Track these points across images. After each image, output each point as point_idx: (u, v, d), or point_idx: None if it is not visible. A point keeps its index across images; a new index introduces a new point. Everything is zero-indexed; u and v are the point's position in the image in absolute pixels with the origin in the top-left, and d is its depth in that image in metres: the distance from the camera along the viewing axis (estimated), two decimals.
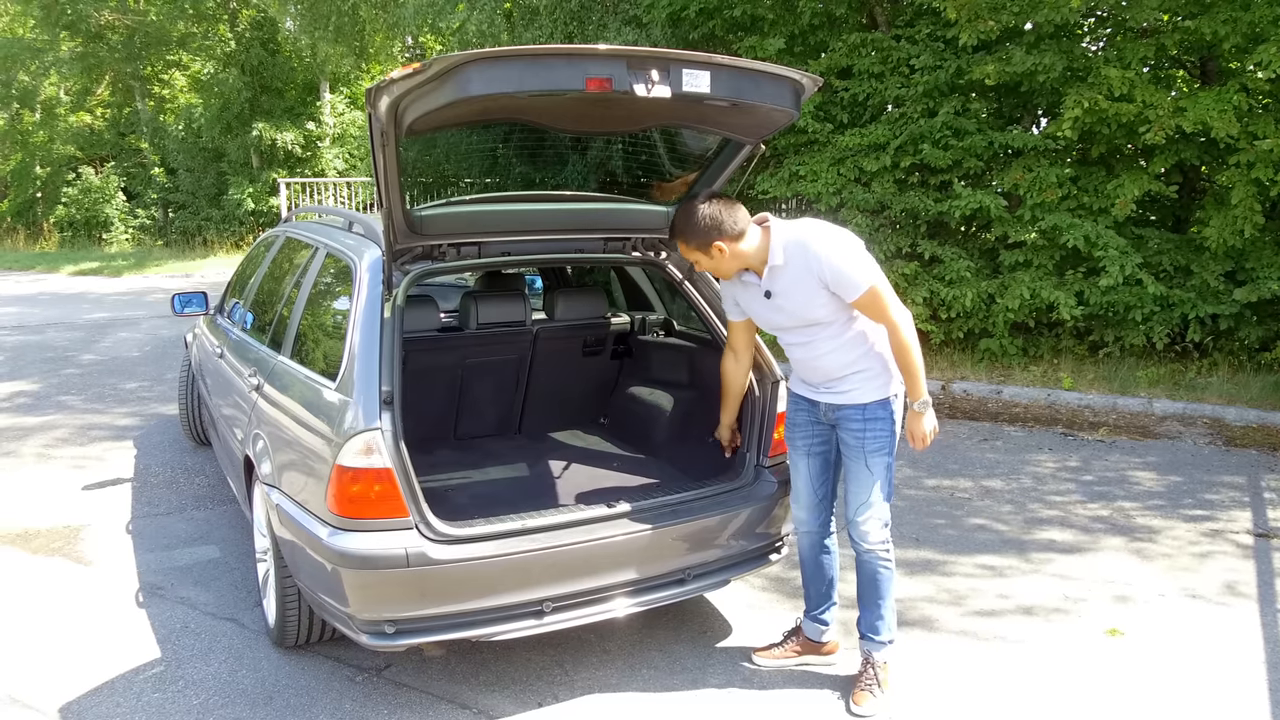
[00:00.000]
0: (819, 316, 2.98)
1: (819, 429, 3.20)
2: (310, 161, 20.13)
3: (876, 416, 3.05)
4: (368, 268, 3.27)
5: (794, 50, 8.96)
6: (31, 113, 23.90)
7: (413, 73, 2.42)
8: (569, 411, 4.60)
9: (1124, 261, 7.29)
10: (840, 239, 2.93)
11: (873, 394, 3.05)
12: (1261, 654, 3.50)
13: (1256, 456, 5.99)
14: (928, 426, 3.07)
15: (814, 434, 3.21)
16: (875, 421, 3.05)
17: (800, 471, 3.26)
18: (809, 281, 2.92)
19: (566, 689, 3.24)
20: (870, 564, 3.14)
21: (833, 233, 2.95)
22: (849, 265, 2.88)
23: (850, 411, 3.08)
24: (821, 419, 3.18)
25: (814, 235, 2.93)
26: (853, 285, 2.88)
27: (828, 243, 2.91)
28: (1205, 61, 8.14)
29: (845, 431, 3.11)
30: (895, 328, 2.92)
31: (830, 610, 3.40)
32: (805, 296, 2.96)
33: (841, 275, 2.88)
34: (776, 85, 2.76)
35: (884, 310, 2.91)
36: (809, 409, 3.20)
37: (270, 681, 3.29)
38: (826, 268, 2.87)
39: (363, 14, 16.56)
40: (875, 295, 2.89)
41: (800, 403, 3.23)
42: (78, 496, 5.19)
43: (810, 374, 3.15)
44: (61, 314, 12.29)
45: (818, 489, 3.25)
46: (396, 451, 2.87)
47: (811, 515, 3.28)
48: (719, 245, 2.96)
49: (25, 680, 3.30)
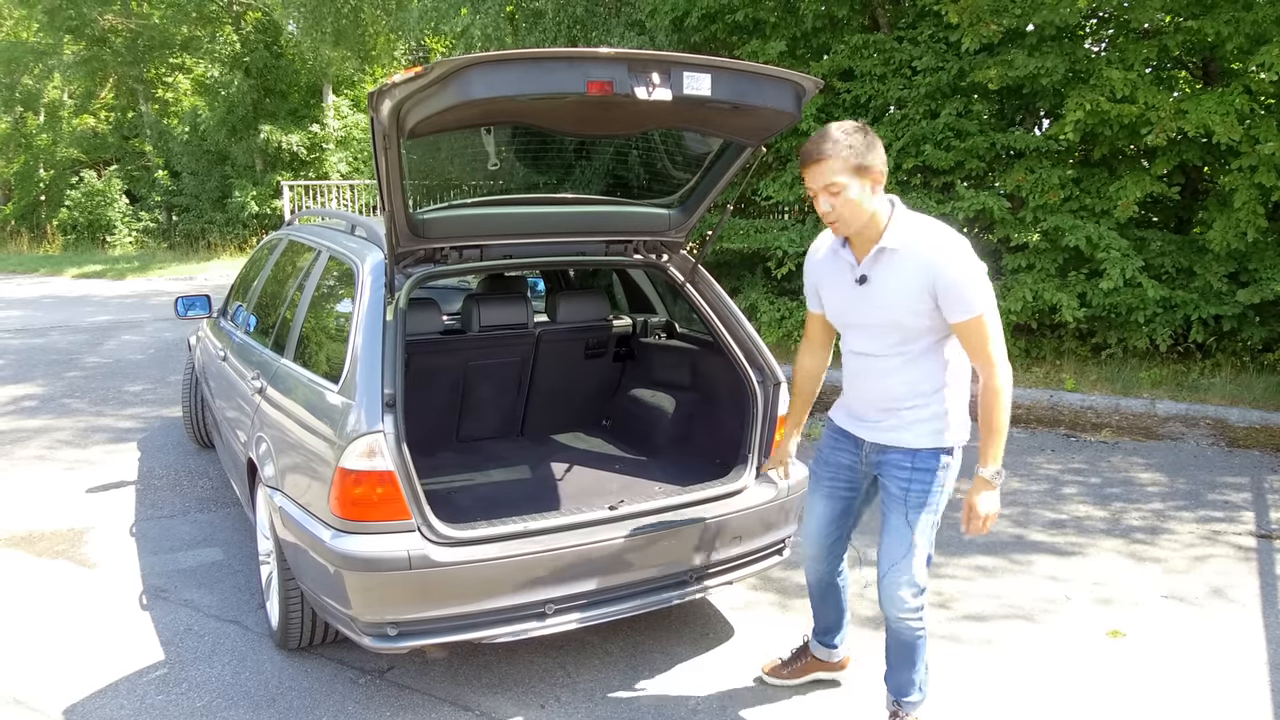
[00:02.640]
0: (908, 323, 2.60)
1: (851, 475, 2.88)
2: (314, 164, 20.17)
3: (927, 467, 2.68)
4: (370, 271, 3.28)
5: (796, 53, 8.97)
6: (35, 116, 23.98)
7: (414, 76, 2.43)
8: (571, 413, 4.61)
9: (1126, 263, 7.29)
10: (969, 252, 2.57)
11: (927, 439, 2.68)
12: (1264, 655, 3.50)
13: (1259, 457, 5.99)
14: (996, 504, 2.64)
15: (844, 478, 2.90)
16: (924, 472, 2.68)
17: (815, 513, 2.98)
18: (916, 281, 2.55)
19: (569, 691, 3.25)
20: (900, 632, 2.81)
21: (962, 242, 2.58)
22: (972, 280, 2.53)
23: (897, 456, 2.72)
24: (862, 463, 2.83)
25: (942, 235, 2.58)
26: (966, 304, 2.52)
27: (956, 249, 2.55)
28: (1207, 62, 8.14)
29: (888, 479, 2.75)
30: (993, 369, 2.54)
31: (842, 633, 3.20)
32: (904, 295, 2.58)
33: (959, 288, 2.52)
34: (777, 87, 2.77)
35: (986, 343, 2.53)
36: (851, 450, 2.86)
37: (273, 684, 3.30)
38: (946, 273, 2.51)
39: (364, 16, 16.58)
40: (984, 325, 2.53)
41: (840, 440, 2.89)
42: (82, 499, 5.21)
43: (861, 399, 2.80)
44: (65, 317, 12.32)
45: (829, 533, 2.97)
46: (399, 454, 2.88)
47: (819, 557, 3.02)
48: (880, 172, 2.56)
49: (29, 682, 3.31)
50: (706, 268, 3.81)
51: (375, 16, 16.75)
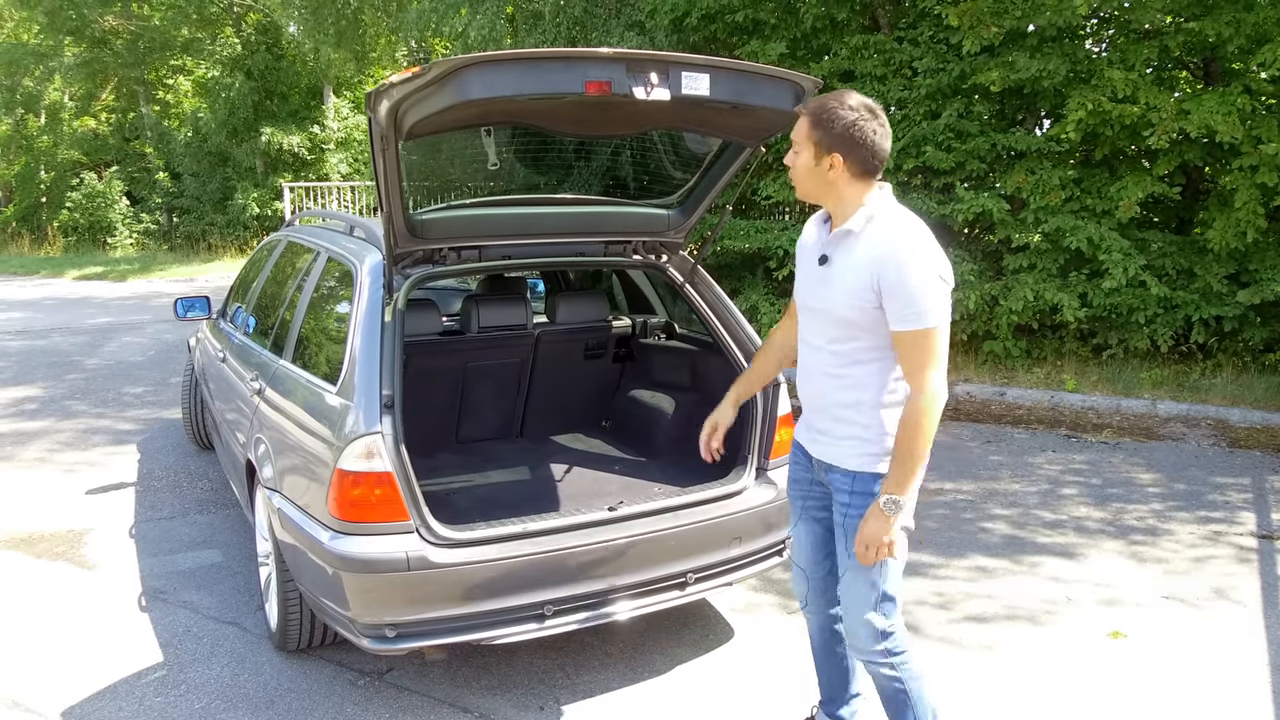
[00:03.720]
0: (848, 316, 2.33)
1: (817, 489, 2.58)
2: (315, 165, 20.18)
3: (867, 491, 2.37)
4: (368, 272, 3.28)
5: (796, 54, 8.97)
6: (36, 118, 23.98)
7: (412, 76, 2.43)
8: (570, 415, 4.60)
9: (1127, 264, 7.28)
10: (932, 256, 2.26)
11: (862, 460, 2.38)
12: (1265, 656, 3.49)
13: (1261, 458, 5.98)
14: (882, 534, 2.28)
15: (812, 494, 2.60)
16: (864, 497, 2.37)
17: (799, 541, 2.68)
18: (865, 271, 2.27)
19: (568, 692, 3.24)
20: (875, 675, 2.51)
21: (926, 244, 2.28)
22: (922, 285, 2.22)
23: (838, 478, 2.44)
24: (817, 476, 2.56)
25: (906, 231, 2.29)
26: (911, 312, 2.22)
27: (916, 248, 2.25)
28: (1208, 63, 8.13)
29: (834, 503, 2.48)
30: (920, 391, 2.23)
31: (852, 705, 2.81)
32: (849, 284, 2.31)
33: (904, 289, 2.22)
34: (776, 87, 2.76)
35: (924, 363, 2.23)
36: (805, 463, 2.60)
37: (272, 685, 3.29)
38: (894, 271, 2.22)
39: (365, 18, 16.59)
40: (926, 340, 2.22)
41: (798, 453, 2.64)
42: (81, 501, 5.21)
43: (804, 398, 2.56)
44: (66, 319, 12.32)
45: (820, 563, 2.64)
46: (397, 455, 2.87)
47: (814, 593, 2.68)
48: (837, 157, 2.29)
49: (28, 684, 3.31)
50: (707, 269, 3.81)
51: (376, 18, 16.76)
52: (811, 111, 2.31)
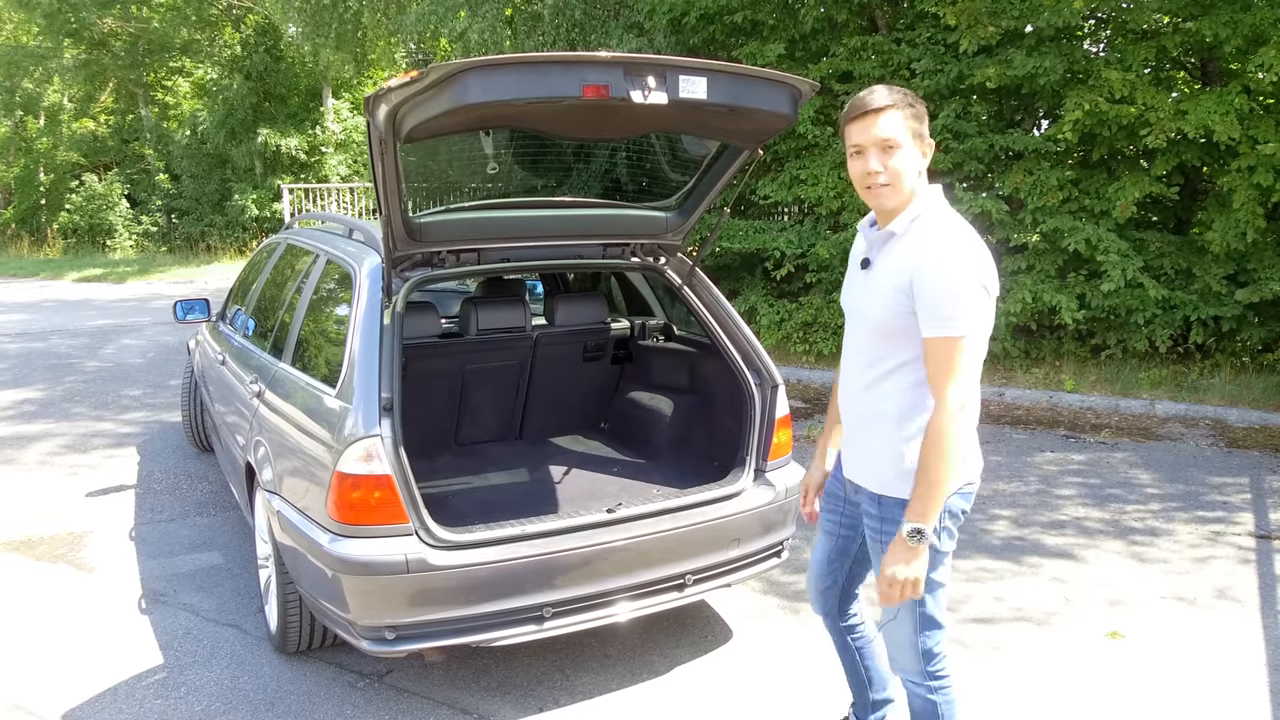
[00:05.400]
0: (887, 322, 2.21)
1: (847, 507, 2.52)
2: (314, 167, 20.19)
3: (894, 518, 2.23)
4: (367, 275, 3.28)
5: (795, 55, 8.98)
6: (35, 120, 23.99)
7: (411, 80, 2.43)
8: (569, 417, 4.61)
9: (1125, 264, 7.29)
10: (974, 262, 2.13)
11: (891, 484, 2.27)
12: (1263, 656, 3.50)
13: (1259, 458, 5.98)
14: (904, 571, 2.13)
15: (842, 512, 2.55)
16: (894, 524, 2.22)
17: (818, 547, 2.65)
18: (901, 273, 2.17)
19: (567, 694, 3.24)
20: (911, 693, 2.44)
21: (974, 251, 2.15)
22: (956, 289, 2.08)
23: (866, 500, 2.36)
24: (849, 495, 2.49)
25: (950, 233, 2.17)
26: (938, 313, 2.09)
27: (956, 250, 2.13)
28: (1206, 63, 8.14)
29: (864, 522, 2.40)
30: (940, 406, 2.10)
31: (885, 710, 2.78)
32: (888, 286, 2.20)
33: (936, 291, 2.10)
34: (773, 90, 2.76)
35: (947, 375, 2.09)
36: (839, 478, 2.54)
37: (272, 687, 3.30)
38: (929, 271, 2.11)
39: (364, 20, 16.58)
40: (951, 349, 2.08)
41: (836, 469, 2.58)
42: (81, 503, 5.21)
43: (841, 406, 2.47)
44: (65, 321, 12.33)
45: (824, 575, 2.64)
46: (396, 458, 2.88)
47: (819, 598, 2.69)
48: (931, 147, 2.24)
49: (28, 687, 3.31)
50: (705, 270, 3.81)
51: (376, 20, 16.76)
52: (910, 103, 2.18)
